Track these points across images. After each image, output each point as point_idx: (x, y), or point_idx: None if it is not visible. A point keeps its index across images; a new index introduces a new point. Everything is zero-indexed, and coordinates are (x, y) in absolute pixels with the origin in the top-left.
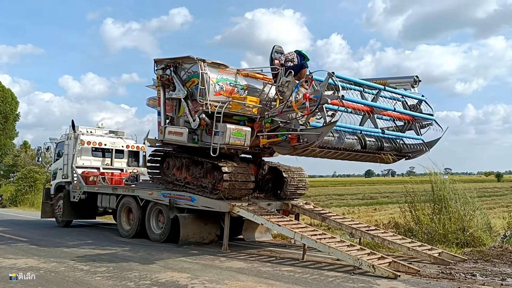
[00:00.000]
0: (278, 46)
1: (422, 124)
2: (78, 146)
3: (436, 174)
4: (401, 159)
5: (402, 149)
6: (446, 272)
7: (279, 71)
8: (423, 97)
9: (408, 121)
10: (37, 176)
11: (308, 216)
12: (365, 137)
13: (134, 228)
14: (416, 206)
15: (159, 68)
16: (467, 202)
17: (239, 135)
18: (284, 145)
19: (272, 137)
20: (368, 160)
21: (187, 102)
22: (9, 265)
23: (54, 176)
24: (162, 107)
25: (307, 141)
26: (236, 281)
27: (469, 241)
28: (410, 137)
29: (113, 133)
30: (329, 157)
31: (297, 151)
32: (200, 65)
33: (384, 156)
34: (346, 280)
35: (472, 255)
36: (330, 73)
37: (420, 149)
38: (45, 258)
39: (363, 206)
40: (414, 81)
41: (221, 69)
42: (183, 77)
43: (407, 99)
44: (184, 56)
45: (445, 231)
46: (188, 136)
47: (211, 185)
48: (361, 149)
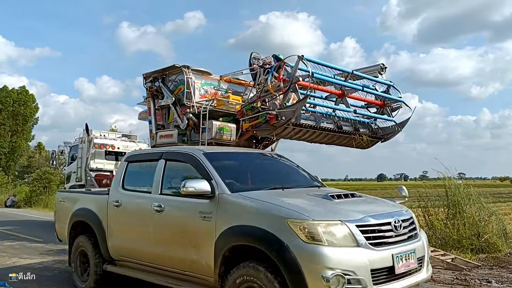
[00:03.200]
0: (255, 53)
1: (392, 107)
2: (92, 149)
3: (450, 179)
4: (376, 142)
5: (377, 132)
6: (461, 278)
7: (258, 71)
8: (391, 82)
9: (380, 106)
10: (52, 177)
11: None
12: (341, 122)
13: None
14: (429, 210)
15: (148, 81)
16: (482, 207)
17: (225, 130)
18: (265, 127)
19: (253, 120)
20: (344, 143)
21: (175, 108)
22: (24, 265)
23: (68, 179)
24: (153, 116)
25: (284, 118)
26: None
27: (484, 247)
28: (383, 118)
29: (126, 137)
30: (307, 138)
31: (277, 131)
32: (184, 71)
33: (359, 137)
34: None
35: (487, 261)
36: (300, 56)
37: (393, 130)
38: (60, 258)
39: None
40: (380, 69)
41: (205, 76)
42: (171, 86)
43: (377, 86)
44: (169, 66)
45: (460, 236)
46: (178, 137)
47: None
48: (337, 130)
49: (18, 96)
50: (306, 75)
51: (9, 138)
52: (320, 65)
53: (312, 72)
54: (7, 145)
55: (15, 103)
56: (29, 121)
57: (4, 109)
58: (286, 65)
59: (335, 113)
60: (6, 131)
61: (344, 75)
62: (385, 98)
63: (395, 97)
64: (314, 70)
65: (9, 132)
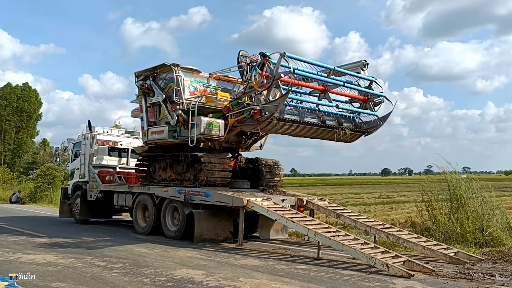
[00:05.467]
0: (243, 51)
1: (375, 102)
2: (95, 146)
3: (452, 173)
4: (360, 136)
5: (361, 126)
6: (464, 272)
7: (245, 69)
8: (373, 78)
9: (363, 101)
10: (56, 173)
11: (323, 212)
12: (324, 117)
13: (150, 225)
14: (433, 205)
15: (139, 80)
16: (485, 201)
17: (213, 126)
18: (250, 121)
19: (239, 115)
20: (327, 137)
21: (166, 105)
22: (28, 260)
23: (72, 175)
24: (144, 113)
25: (268, 113)
26: (251, 278)
27: (488, 241)
28: (366, 112)
29: (129, 133)
30: (291, 133)
31: (261, 125)
32: (174, 69)
33: (342, 131)
34: (362, 279)
35: (491, 255)
36: (282, 53)
37: (376, 124)
38: (63, 254)
39: (379, 205)
40: (363, 65)
41: (194, 73)
42: (161, 84)
43: (360, 82)
44: (159, 65)
45: (463, 230)
46: (168, 133)
47: (193, 176)
48: (320, 124)
49: (22, 93)
50: (288, 72)
51: (14, 135)
52: (302, 62)
53: (293, 68)
54: (12, 141)
55: (19, 100)
56: (33, 117)
57: (9, 105)
58: (270, 62)
59: (318, 108)
60: (11, 127)
61: (326, 71)
62: (368, 93)
63: (377, 92)
64: (296, 67)
65: (14, 129)
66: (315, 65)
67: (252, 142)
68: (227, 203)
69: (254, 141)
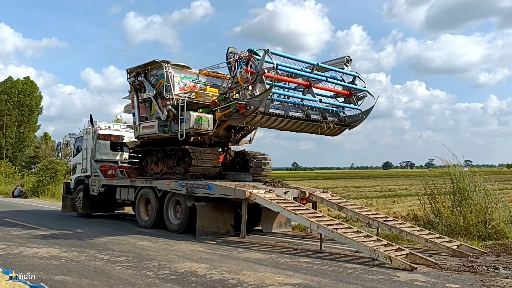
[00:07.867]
0: (232, 48)
1: (358, 97)
2: (97, 140)
3: (455, 166)
4: (344, 129)
5: (345, 120)
6: (468, 265)
7: (233, 65)
8: (357, 73)
9: (347, 95)
10: (58, 167)
11: (325, 205)
12: (309, 111)
13: (152, 218)
14: (435, 198)
15: (131, 76)
16: (488, 194)
17: (202, 120)
18: (236, 116)
19: (225, 110)
20: (312, 130)
21: (156, 100)
22: (31, 254)
23: (74, 170)
24: (136, 109)
25: (252, 108)
26: (254, 271)
27: (491, 234)
28: (349, 106)
29: (130, 128)
30: (276, 126)
31: (247, 119)
32: (164, 66)
33: (326, 125)
34: (365, 272)
35: (494, 248)
36: (266, 50)
37: (359, 117)
38: (66, 247)
39: (381, 198)
40: (346, 60)
41: (184, 70)
42: (152, 81)
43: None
44: (150, 61)
45: (466, 223)
46: (159, 128)
47: (183, 169)
48: (304, 118)
49: (23, 87)
50: (271, 68)
51: (15, 129)
52: (287, 58)
53: (276, 64)
54: (14, 135)
55: (20, 94)
56: (35, 111)
57: (10, 99)
58: (254, 58)
59: (303, 103)
60: (12, 121)
61: (310, 67)
62: (351, 88)
63: (360, 87)
64: (279, 62)
65: (15, 123)
66: (299, 61)
67: (241, 136)
68: (230, 195)
69: (243, 135)
